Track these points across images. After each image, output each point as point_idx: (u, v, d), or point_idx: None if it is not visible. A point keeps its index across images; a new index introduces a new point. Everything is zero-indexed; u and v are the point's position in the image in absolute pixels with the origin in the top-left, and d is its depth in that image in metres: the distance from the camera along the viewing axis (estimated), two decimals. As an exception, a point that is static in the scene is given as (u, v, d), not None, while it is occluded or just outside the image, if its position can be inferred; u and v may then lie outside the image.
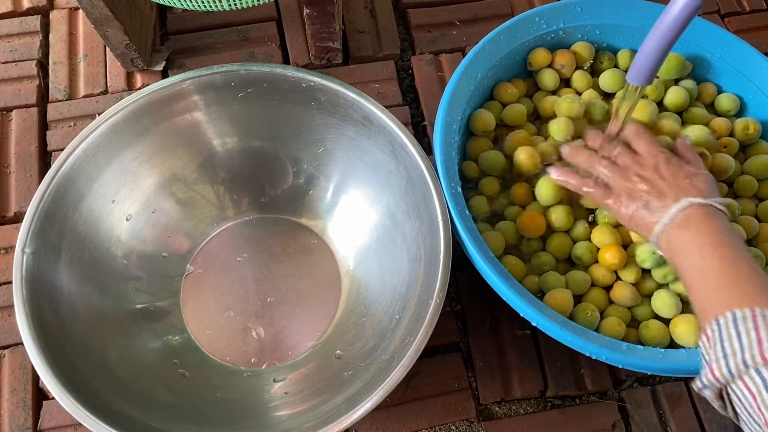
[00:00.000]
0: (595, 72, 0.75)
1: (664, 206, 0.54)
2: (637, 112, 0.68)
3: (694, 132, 0.66)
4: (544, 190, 0.64)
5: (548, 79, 0.72)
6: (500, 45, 0.70)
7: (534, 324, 0.56)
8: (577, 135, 0.67)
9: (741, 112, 0.73)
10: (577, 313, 0.61)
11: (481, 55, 0.68)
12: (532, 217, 0.64)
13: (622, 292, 0.63)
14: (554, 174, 0.62)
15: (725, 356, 0.42)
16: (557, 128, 0.67)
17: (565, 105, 0.68)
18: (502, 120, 0.71)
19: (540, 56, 0.72)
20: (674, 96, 0.70)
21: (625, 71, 0.72)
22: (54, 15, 0.86)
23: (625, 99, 0.57)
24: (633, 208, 0.56)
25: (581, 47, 0.73)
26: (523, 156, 0.65)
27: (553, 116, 0.70)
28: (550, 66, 0.73)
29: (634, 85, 0.55)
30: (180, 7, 0.61)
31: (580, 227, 0.65)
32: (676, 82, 0.73)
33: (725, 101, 0.72)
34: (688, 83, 0.72)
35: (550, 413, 0.68)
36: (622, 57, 0.73)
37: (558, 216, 0.64)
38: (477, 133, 0.70)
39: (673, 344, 0.61)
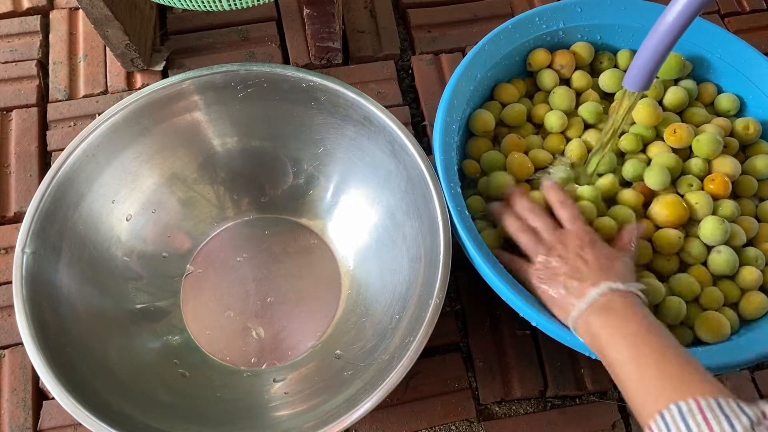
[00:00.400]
0: (594, 72, 0.75)
1: (581, 289, 0.52)
2: (639, 113, 0.68)
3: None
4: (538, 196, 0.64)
5: (548, 79, 0.72)
6: (500, 45, 0.70)
7: (534, 324, 0.56)
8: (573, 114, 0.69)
9: (741, 112, 0.73)
10: None
11: (481, 55, 0.68)
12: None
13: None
14: (498, 213, 0.62)
15: None
16: (559, 100, 0.69)
17: (557, 97, 0.69)
18: (502, 120, 0.71)
19: (540, 57, 0.72)
20: (674, 96, 0.70)
21: (625, 71, 0.72)
22: (54, 15, 0.86)
23: (621, 104, 0.57)
24: (551, 288, 0.55)
25: (581, 47, 0.73)
26: (515, 162, 0.66)
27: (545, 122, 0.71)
28: (549, 66, 0.73)
29: (631, 91, 0.55)
30: (180, 7, 0.61)
31: None
32: (676, 82, 0.73)
33: (725, 101, 0.72)
34: (688, 83, 0.72)
35: (550, 413, 0.68)
36: (622, 57, 0.73)
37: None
38: (477, 133, 0.70)
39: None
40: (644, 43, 0.51)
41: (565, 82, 0.74)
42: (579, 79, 0.72)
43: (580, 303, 0.52)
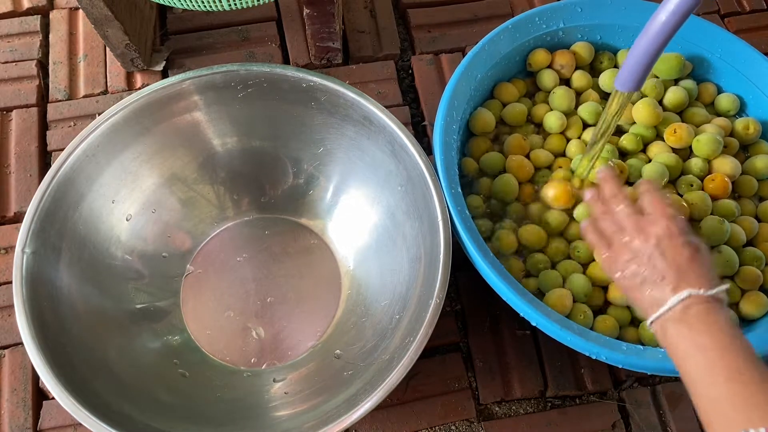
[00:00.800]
0: (595, 72, 0.75)
1: (661, 290, 0.49)
2: (640, 113, 0.68)
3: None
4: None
5: (548, 79, 0.72)
6: (500, 45, 0.70)
7: (534, 324, 0.56)
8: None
9: (741, 112, 0.73)
10: (571, 316, 0.61)
11: (481, 55, 0.68)
12: (533, 230, 0.65)
13: (619, 292, 0.63)
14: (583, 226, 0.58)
15: None
16: (558, 100, 0.69)
17: (557, 97, 0.70)
18: (502, 119, 0.71)
19: (540, 57, 0.72)
20: (674, 96, 0.70)
21: None
22: (54, 15, 0.86)
23: (612, 104, 0.57)
24: (627, 279, 0.52)
25: (581, 47, 0.73)
26: (514, 164, 0.66)
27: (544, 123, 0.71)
28: (549, 67, 0.73)
29: (622, 92, 0.54)
30: (180, 7, 0.61)
31: (576, 227, 0.65)
32: (676, 82, 0.73)
33: (725, 101, 0.72)
34: (688, 83, 0.72)
35: (550, 413, 0.68)
36: (622, 57, 0.73)
37: (554, 217, 0.64)
38: (477, 133, 0.70)
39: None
40: (635, 44, 0.51)
41: (565, 82, 0.74)
42: (579, 79, 0.72)
43: (662, 308, 0.49)
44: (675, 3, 0.47)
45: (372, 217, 0.69)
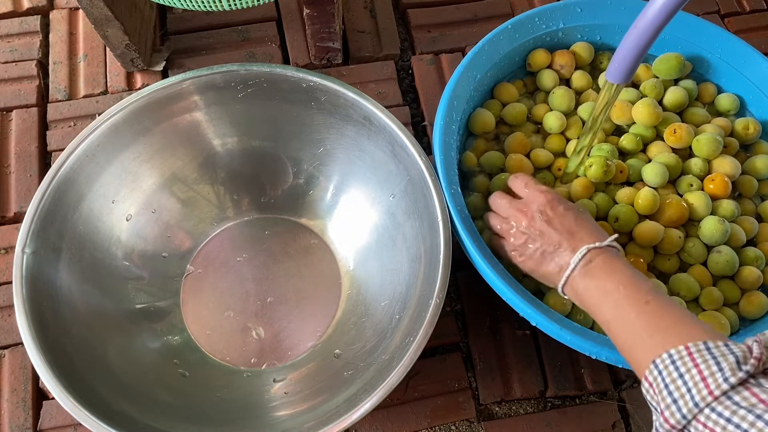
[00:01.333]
0: (595, 72, 0.75)
1: (561, 256, 0.53)
2: (639, 113, 0.68)
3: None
4: None
5: (548, 79, 0.72)
6: (500, 45, 0.70)
7: (534, 324, 0.56)
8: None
9: (741, 112, 0.73)
10: (571, 316, 0.61)
11: (481, 55, 0.68)
12: None
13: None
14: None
15: (674, 401, 0.40)
16: (558, 100, 0.70)
17: (557, 97, 0.70)
18: (502, 119, 0.71)
19: (539, 57, 0.72)
20: (674, 96, 0.70)
21: None
22: (54, 15, 0.86)
23: (602, 96, 0.58)
24: (530, 259, 0.56)
25: (581, 47, 0.73)
26: (514, 163, 0.67)
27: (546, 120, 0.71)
28: (549, 67, 0.73)
29: (613, 83, 0.55)
30: (180, 7, 0.61)
31: None
32: (676, 82, 0.73)
33: (725, 101, 0.72)
34: (688, 83, 0.72)
35: (550, 413, 0.68)
36: None
37: None
38: (476, 133, 0.70)
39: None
40: (626, 36, 0.52)
41: (565, 82, 0.74)
42: (579, 79, 0.72)
43: (566, 270, 0.53)
44: None
45: (372, 217, 0.69)
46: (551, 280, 0.55)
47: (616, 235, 0.53)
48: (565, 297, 0.55)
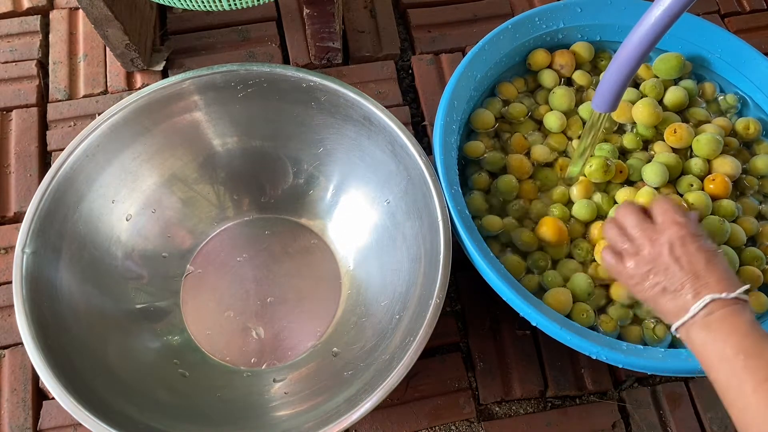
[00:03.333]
0: (596, 71, 0.75)
1: (683, 298, 0.49)
2: (640, 113, 0.68)
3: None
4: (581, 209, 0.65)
5: (548, 79, 0.72)
6: (500, 45, 0.70)
7: (534, 324, 0.56)
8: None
9: (741, 111, 0.73)
10: (572, 315, 0.61)
11: (481, 55, 0.68)
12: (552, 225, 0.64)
13: (621, 290, 0.63)
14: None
15: None
16: (558, 100, 0.70)
17: (557, 97, 0.70)
18: (503, 116, 0.71)
19: (539, 57, 0.72)
20: (674, 96, 0.70)
21: None
22: (54, 15, 0.86)
23: (591, 125, 0.58)
24: (648, 290, 0.52)
25: (581, 47, 0.73)
26: (515, 163, 0.67)
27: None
28: (549, 67, 0.73)
29: (599, 113, 0.56)
30: (180, 7, 0.61)
31: (577, 225, 0.66)
32: (676, 82, 0.73)
33: (725, 101, 0.72)
34: (688, 83, 0.72)
35: (550, 413, 0.68)
36: None
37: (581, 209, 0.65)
38: (477, 130, 0.70)
39: (674, 344, 0.61)
40: (609, 67, 0.53)
41: (566, 81, 0.74)
42: (579, 78, 0.72)
43: (683, 316, 0.49)
44: (645, 28, 0.50)
45: (372, 217, 0.69)
46: (666, 317, 0.51)
47: (747, 286, 0.48)
48: (677, 335, 0.51)
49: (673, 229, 0.52)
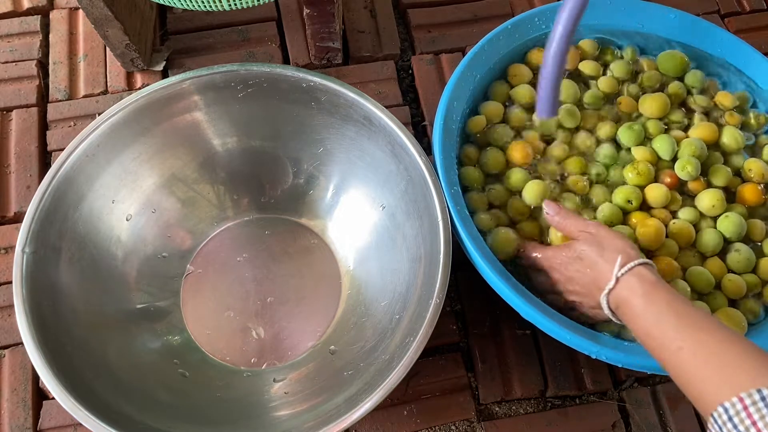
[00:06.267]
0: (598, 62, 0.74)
1: (598, 306, 0.55)
2: (647, 105, 0.68)
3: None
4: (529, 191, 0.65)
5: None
6: (500, 45, 0.70)
7: (534, 323, 0.56)
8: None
9: (742, 111, 0.73)
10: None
11: (481, 55, 0.68)
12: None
13: None
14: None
15: None
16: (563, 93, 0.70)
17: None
18: (510, 98, 0.71)
19: (538, 57, 0.71)
20: (672, 90, 0.70)
21: (630, 62, 0.73)
22: (54, 15, 0.86)
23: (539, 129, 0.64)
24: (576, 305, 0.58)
25: (585, 43, 0.73)
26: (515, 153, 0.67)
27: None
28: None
29: (544, 118, 0.61)
30: (180, 7, 0.61)
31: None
32: (681, 79, 0.73)
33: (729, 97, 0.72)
34: (697, 73, 0.72)
35: (550, 413, 0.68)
36: (627, 52, 0.73)
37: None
38: (475, 132, 0.70)
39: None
40: (540, 77, 0.59)
41: (569, 74, 0.73)
42: (585, 66, 0.72)
43: (604, 312, 0.54)
44: (558, 33, 0.56)
45: (372, 217, 0.69)
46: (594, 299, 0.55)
47: (618, 260, 0.53)
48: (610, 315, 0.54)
49: (546, 264, 0.59)
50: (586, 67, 0.72)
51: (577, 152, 0.68)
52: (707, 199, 0.64)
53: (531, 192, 0.65)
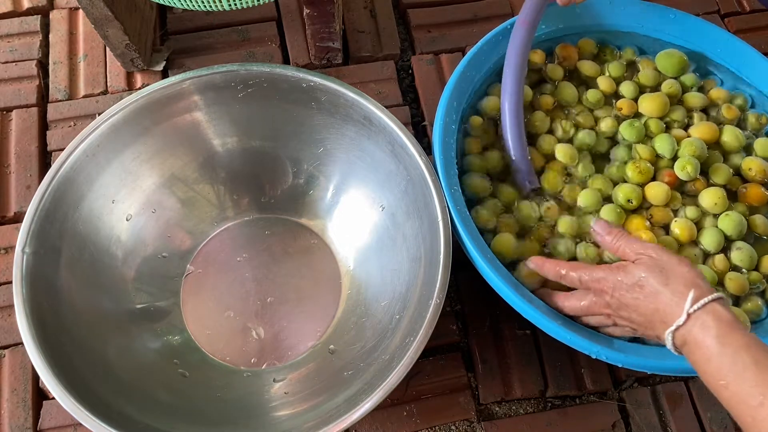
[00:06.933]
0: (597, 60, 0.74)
1: (658, 336, 0.50)
2: (646, 104, 0.68)
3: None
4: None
5: (552, 71, 0.72)
6: (500, 45, 0.69)
7: (534, 323, 0.56)
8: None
9: (741, 111, 0.73)
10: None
11: (481, 55, 0.68)
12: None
13: None
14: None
15: None
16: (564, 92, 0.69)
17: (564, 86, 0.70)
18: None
19: (537, 58, 0.71)
20: (667, 88, 0.70)
21: (629, 64, 0.73)
22: (54, 15, 0.86)
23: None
24: (625, 330, 0.55)
25: (585, 42, 0.73)
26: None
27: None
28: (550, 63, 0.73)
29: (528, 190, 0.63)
30: (180, 7, 0.61)
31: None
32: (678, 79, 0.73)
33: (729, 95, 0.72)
34: (690, 77, 0.72)
35: (550, 413, 0.68)
36: (627, 53, 0.73)
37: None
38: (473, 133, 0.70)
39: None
40: (504, 133, 0.63)
41: (569, 74, 0.73)
42: (584, 66, 0.72)
43: (668, 342, 0.49)
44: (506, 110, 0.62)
45: (372, 217, 0.69)
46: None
47: (691, 294, 0.47)
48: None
49: (599, 286, 0.53)
50: (585, 68, 0.72)
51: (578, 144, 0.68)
52: (709, 197, 0.64)
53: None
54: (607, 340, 0.57)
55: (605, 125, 0.68)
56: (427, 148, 0.71)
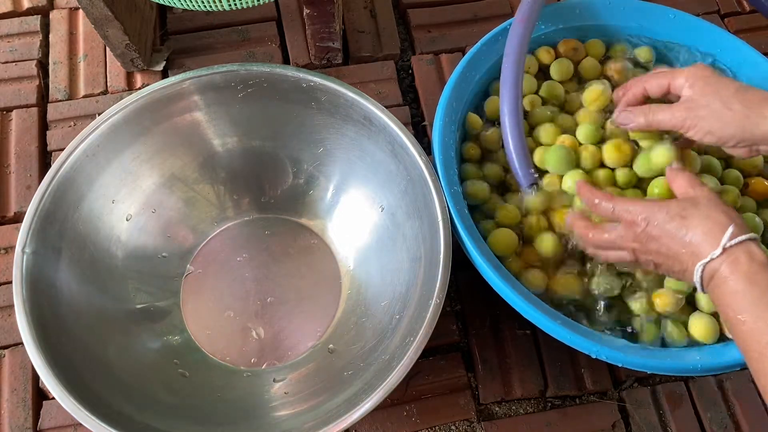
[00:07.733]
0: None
1: (684, 271, 0.49)
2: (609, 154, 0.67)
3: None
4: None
5: (557, 68, 0.71)
6: (500, 45, 0.69)
7: (534, 323, 0.56)
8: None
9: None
10: (571, 316, 0.61)
11: (481, 55, 0.68)
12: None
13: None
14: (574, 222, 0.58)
15: None
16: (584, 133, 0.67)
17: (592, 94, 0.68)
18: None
19: (541, 56, 0.71)
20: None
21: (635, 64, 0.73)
22: (54, 15, 0.86)
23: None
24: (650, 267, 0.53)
25: (592, 43, 0.73)
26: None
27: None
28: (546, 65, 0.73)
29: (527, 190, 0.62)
30: (180, 7, 0.61)
31: None
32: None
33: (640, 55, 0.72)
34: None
35: (550, 413, 0.68)
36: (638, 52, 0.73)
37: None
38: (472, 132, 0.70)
39: (664, 344, 0.61)
40: (506, 148, 0.61)
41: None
42: (587, 63, 0.72)
43: (694, 280, 0.48)
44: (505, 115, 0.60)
45: (372, 217, 0.69)
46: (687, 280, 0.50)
47: (729, 231, 0.47)
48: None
49: (624, 233, 0.52)
50: (585, 68, 0.72)
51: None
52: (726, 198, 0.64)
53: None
54: (608, 340, 0.57)
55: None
56: (427, 148, 0.71)
